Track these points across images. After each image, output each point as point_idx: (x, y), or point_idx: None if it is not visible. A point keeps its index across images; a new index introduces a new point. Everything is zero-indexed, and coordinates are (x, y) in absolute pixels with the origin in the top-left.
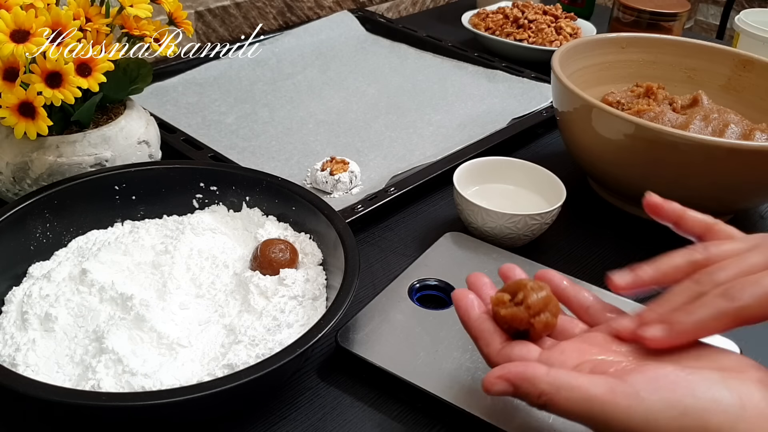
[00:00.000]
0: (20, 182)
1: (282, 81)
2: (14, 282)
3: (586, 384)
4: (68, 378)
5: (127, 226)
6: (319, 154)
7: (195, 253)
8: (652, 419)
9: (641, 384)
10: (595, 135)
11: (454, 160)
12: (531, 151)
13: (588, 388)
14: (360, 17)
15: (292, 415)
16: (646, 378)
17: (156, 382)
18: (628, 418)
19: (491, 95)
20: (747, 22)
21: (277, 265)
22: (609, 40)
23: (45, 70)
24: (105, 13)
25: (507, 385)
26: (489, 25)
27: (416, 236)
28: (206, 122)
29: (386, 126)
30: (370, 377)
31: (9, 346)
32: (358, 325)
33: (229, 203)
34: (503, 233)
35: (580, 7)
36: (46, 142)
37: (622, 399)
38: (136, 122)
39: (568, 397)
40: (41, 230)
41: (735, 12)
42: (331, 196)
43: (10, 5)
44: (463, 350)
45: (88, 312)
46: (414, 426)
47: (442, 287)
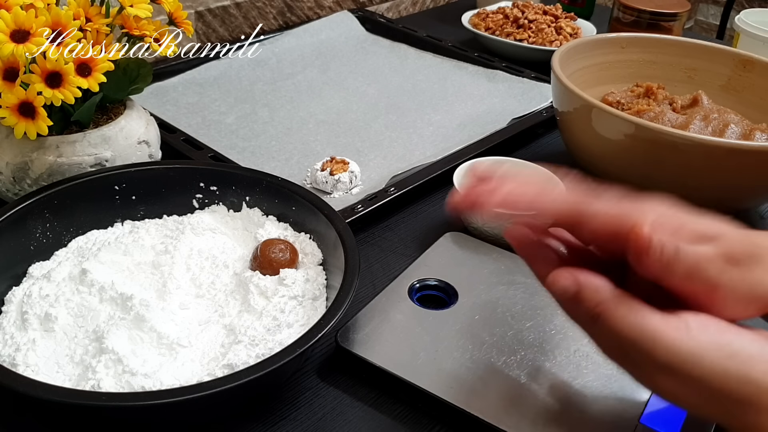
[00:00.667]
0: (20, 182)
1: (282, 81)
2: (14, 282)
3: (644, 309)
4: (68, 378)
5: (127, 226)
6: (319, 154)
7: (195, 253)
8: (698, 355)
9: (693, 323)
10: (595, 135)
11: (454, 160)
12: (531, 151)
13: (645, 313)
14: (360, 17)
15: (292, 415)
16: (698, 319)
17: (156, 382)
18: (676, 350)
19: (491, 95)
20: (747, 22)
21: (277, 265)
22: (609, 40)
23: (45, 70)
24: (105, 13)
25: (573, 284)
26: (489, 25)
27: (416, 236)
28: (206, 122)
29: (386, 126)
30: (370, 377)
31: (9, 346)
32: (358, 325)
33: (229, 203)
34: (503, 233)
35: (580, 7)
36: (46, 142)
37: (674, 331)
38: (136, 122)
39: (624, 315)
40: (41, 230)
41: (735, 12)
42: (331, 196)
43: (10, 5)
44: (463, 350)
45: (88, 312)
46: (414, 426)
47: (442, 287)
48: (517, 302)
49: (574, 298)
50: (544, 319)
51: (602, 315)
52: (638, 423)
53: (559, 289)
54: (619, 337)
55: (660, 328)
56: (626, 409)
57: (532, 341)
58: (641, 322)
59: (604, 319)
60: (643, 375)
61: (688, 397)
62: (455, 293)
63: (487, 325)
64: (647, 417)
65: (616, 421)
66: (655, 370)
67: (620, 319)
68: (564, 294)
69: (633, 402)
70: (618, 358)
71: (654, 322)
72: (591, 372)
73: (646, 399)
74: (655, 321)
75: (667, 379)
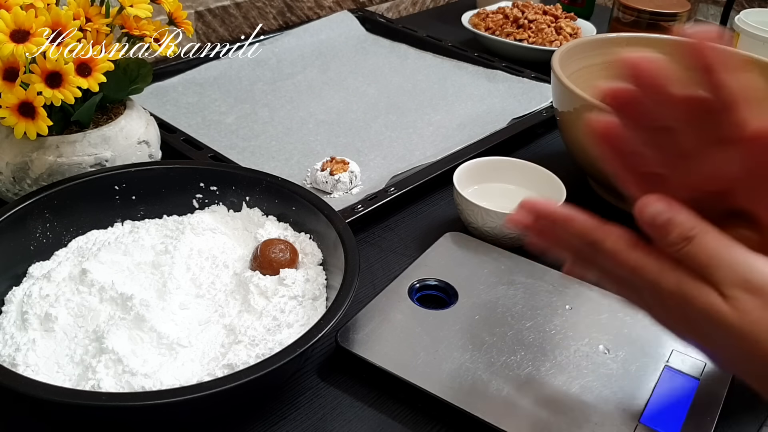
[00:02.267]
0: (20, 182)
1: (282, 81)
2: (14, 282)
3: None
4: (68, 378)
5: (127, 226)
6: (319, 154)
7: (195, 253)
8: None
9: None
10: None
11: (454, 160)
12: (531, 151)
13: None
14: (360, 17)
15: (292, 415)
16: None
17: (156, 382)
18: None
19: (491, 95)
20: (747, 22)
21: (277, 265)
22: (609, 40)
23: (45, 70)
24: (105, 13)
25: (666, 207)
26: (489, 25)
27: (416, 236)
28: (206, 122)
29: (386, 126)
30: (370, 377)
31: (9, 346)
32: (358, 325)
33: (229, 203)
34: (503, 233)
35: (580, 7)
36: (46, 142)
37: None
38: (136, 122)
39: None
40: (41, 230)
41: (735, 12)
42: (331, 196)
43: (10, 5)
44: (463, 350)
45: (88, 312)
46: (414, 426)
47: (442, 287)
48: (517, 302)
49: (667, 223)
50: (544, 319)
51: (697, 237)
52: (638, 423)
53: (647, 216)
54: (709, 257)
55: (752, 255)
56: (626, 409)
57: (532, 341)
58: (735, 245)
59: (695, 245)
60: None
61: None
62: (455, 293)
63: (487, 325)
64: (647, 417)
65: (616, 421)
66: (741, 288)
67: (713, 240)
68: (653, 220)
69: (633, 402)
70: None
71: (744, 249)
72: (591, 372)
73: (646, 399)
74: (744, 249)
75: (751, 299)
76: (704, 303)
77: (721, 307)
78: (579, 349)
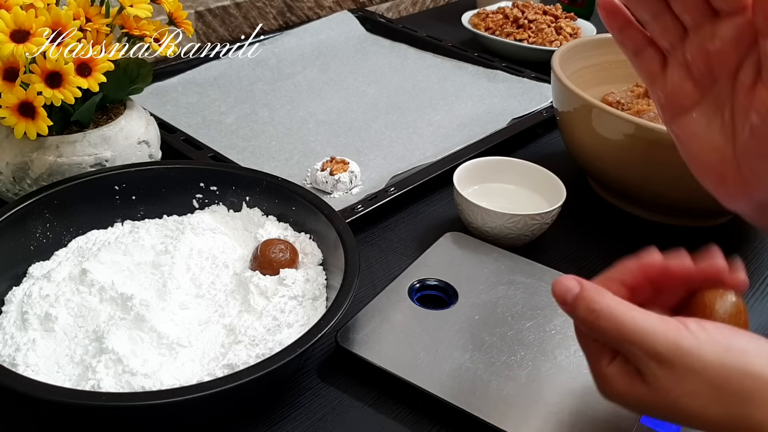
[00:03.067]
0: (20, 182)
1: (282, 81)
2: (14, 282)
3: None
4: (68, 378)
5: (127, 226)
6: (319, 154)
7: (195, 253)
8: (696, 349)
9: (691, 324)
10: (595, 135)
11: (454, 160)
12: (531, 151)
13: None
14: (360, 17)
15: (292, 415)
16: (694, 321)
17: (156, 382)
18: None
19: (491, 95)
20: None
21: (277, 265)
22: (609, 40)
23: (45, 70)
24: (105, 13)
25: (576, 284)
26: (489, 25)
27: (416, 236)
28: (206, 122)
29: (386, 126)
30: (370, 377)
31: (9, 346)
32: (358, 325)
33: (229, 203)
34: (503, 233)
35: (580, 7)
36: (46, 142)
37: (672, 330)
38: (136, 122)
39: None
40: (41, 230)
41: None
42: (331, 196)
43: (10, 5)
44: (463, 350)
45: (88, 312)
46: (414, 426)
47: (442, 287)
48: (517, 302)
49: (576, 297)
50: (544, 319)
51: (603, 310)
52: (638, 423)
53: (559, 291)
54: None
55: (660, 325)
56: None
57: (532, 341)
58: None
59: (603, 313)
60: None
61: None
62: (455, 293)
63: (487, 325)
64: (647, 417)
65: (616, 421)
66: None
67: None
68: (566, 293)
69: None
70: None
71: (653, 318)
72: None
73: None
74: (654, 318)
75: (667, 374)
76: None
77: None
78: (579, 349)
